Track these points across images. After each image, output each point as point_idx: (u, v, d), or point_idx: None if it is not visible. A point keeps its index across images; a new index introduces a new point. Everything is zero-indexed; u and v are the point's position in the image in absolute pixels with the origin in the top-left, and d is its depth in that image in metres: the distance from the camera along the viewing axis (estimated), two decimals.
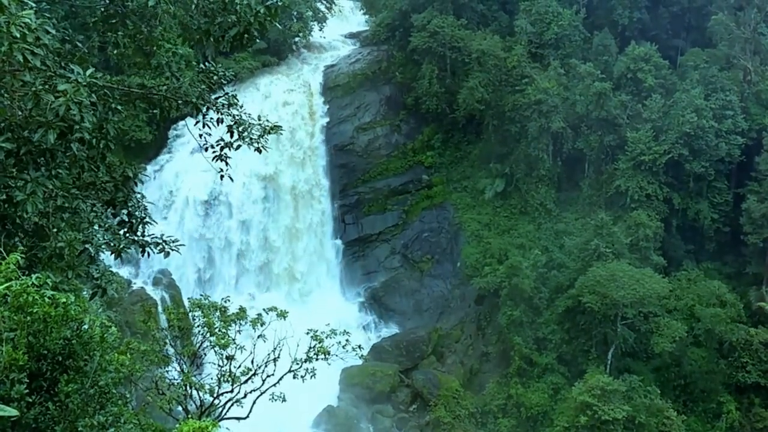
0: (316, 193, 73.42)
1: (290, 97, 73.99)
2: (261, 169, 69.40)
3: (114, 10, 14.61)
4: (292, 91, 74.49)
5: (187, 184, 67.77)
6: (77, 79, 12.86)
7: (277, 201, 71.56)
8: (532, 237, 70.30)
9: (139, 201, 17.49)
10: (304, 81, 75.93)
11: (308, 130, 73.49)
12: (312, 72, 77.64)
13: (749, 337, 62.26)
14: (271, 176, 70.64)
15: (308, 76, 76.73)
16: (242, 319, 24.40)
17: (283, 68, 77.88)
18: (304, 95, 74.46)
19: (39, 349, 11.74)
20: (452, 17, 74.35)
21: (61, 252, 14.55)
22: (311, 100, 74.71)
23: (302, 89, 74.98)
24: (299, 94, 74.35)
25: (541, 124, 69.94)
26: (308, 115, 73.99)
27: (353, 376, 63.95)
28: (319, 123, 74.13)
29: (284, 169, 71.67)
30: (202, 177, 66.05)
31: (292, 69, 77.95)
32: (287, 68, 78.03)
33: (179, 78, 16.90)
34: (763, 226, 64.26)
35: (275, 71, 76.80)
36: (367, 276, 74.43)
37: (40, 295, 11.55)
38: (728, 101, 67.50)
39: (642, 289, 58.05)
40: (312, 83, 75.96)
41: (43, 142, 13.03)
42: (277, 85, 74.81)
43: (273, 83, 74.90)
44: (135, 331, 46.58)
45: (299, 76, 76.69)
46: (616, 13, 76.13)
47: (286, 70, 77.67)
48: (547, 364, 62.63)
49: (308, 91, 75.03)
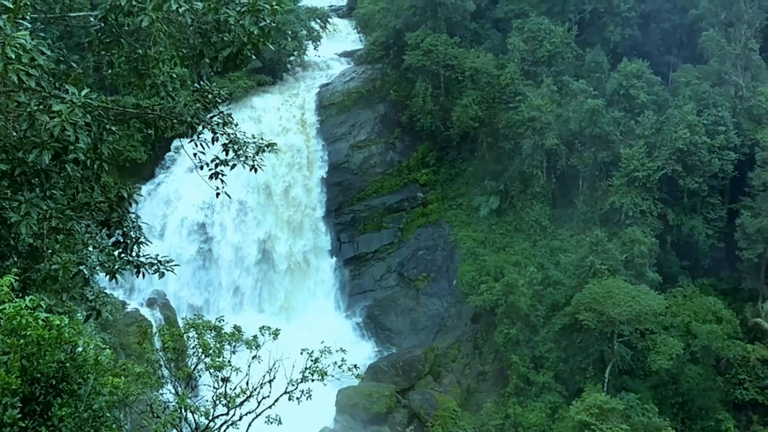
0: (312, 210, 73.42)
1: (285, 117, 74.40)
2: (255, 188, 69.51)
3: (109, 31, 14.56)
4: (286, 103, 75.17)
5: (183, 204, 67.65)
6: (72, 99, 12.79)
7: (273, 219, 71.57)
8: (527, 254, 70.27)
9: (134, 221, 17.39)
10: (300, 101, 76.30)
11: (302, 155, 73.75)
12: (307, 90, 77.83)
13: (746, 353, 62.22)
14: (265, 186, 70.90)
15: (303, 95, 76.95)
16: (238, 340, 24.20)
17: (278, 87, 78.05)
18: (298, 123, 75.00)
19: (32, 372, 11.58)
20: (446, 35, 74.66)
21: (55, 274, 14.43)
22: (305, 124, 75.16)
23: (296, 108, 75.35)
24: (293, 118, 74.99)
25: (535, 141, 70.11)
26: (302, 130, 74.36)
27: (349, 397, 63.59)
28: (312, 143, 74.38)
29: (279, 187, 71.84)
30: (198, 197, 66.01)
31: (287, 87, 78.08)
32: (282, 87, 78.18)
33: (174, 98, 16.87)
34: (757, 242, 64.30)
35: (270, 90, 77.02)
36: (362, 295, 74.25)
37: (33, 317, 11.41)
38: (720, 117, 67.73)
39: (638, 306, 57.98)
40: (306, 101, 76.20)
41: (38, 163, 12.95)
42: (270, 103, 75.12)
43: (267, 102, 75.14)
44: (130, 353, 46.25)
45: (295, 95, 76.93)
46: (607, 30, 76.59)
47: (281, 88, 77.82)
48: (544, 382, 62.37)
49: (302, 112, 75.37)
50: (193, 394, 25.42)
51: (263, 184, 70.53)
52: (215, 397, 23.59)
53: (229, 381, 23.79)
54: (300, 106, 75.57)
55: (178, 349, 25.74)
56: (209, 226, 68.64)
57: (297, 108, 75.37)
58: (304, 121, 74.91)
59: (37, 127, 12.57)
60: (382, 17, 79.03)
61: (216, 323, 24.66)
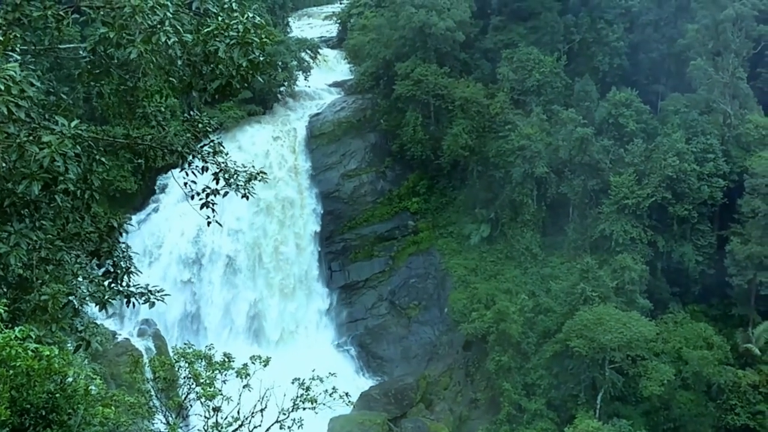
0: (305, 241, 73.46)
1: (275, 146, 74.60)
2: (246, 217, 69.56)
3: (98, 62, 14.67)
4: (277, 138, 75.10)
5: (174, 234, 67.61)
6: (62, 130, 12.87)
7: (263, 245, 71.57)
8: (518, 282, 70.35)
9: (124, 251, 17.40)
10: (290, 128, 76.46)
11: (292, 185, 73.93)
12: (297, 120, 78.09)
13: (737, 379, 62.23)
14: (258, 213, 71.04)
15: (294, 125, 77.19)
16: (228, 369, 24.13)
17: (269, 117, 78.32)
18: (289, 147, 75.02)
19: (22, 403, 11.57)
20: (435, 65, 75.18)
21: (44, 304, 14.42)
22: (295, 147, 75.20)
23: (288, 137, 75.53)
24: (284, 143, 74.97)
25: (525, 169, 70.43)
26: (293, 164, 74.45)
27: (342, 426, 63.21)
28: (303, 173, 74.61)
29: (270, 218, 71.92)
30: (188, 227, 66.01)
31: (278, 118, 78.35)
32: (272, 117, 78.46)
33: (165, 128, 16.96)
34: (747, 268, 64.54)
35: (261, 120, 77.27)
36: (354, 323, 74.13)
37: (23, 348, 11.42)
38: (709, 144, 68.22)
39: (629, 333, 58.03)
40: (298, 131, 76.44)
41: (27, 194, 12.98)
42: (262, 135, 75.29)
43: (258, 133, 75.34)
44: (120, 383, 45.98)
45: (285, 123, 77.17)
46: (596, 59, 77.22)
47: (272, 119, 78.09)
48: (536, 409, 62.18)
49: (293, 140, 75.52)
50: (184, 423, 25.32)
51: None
52: (206, 426, 23.49)
53: (220, 410, 23.71)
54: (291, 148, 75.48)
55: (168, 379, 25.65)
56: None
57: (288, 150, 75.27)
58: (297, 168, 74.84)
59: (27, 158, 12.62)
60: (372, 48, 79.53)
61: (206, 352, 24.61)
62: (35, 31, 15.53)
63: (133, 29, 13.36)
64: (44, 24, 14.39)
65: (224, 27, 13.74)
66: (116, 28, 13.40)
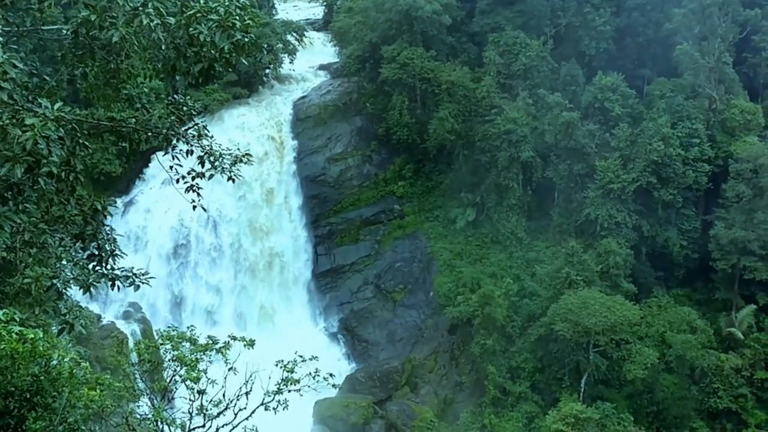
0: (289, 223, 73.39)
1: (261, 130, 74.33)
2: (231, 200, 69.42)
3: (82, 44, 14.56)
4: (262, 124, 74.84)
5: (158, 217, 67.42)
6: (45, 113, 12.80)
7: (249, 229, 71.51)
8: (503, 266, 70.55)
9: (109, 234, 17.34)
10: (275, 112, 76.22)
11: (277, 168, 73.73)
12: (282, 104, 77.81)
13: (720, 362, 62.74)
14: (243, 196, 70.87)
15: (279, 108, 76.92)
16: (212, 349, 24.15)
17: (254, 100, 78.03)
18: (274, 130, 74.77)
19: (6, 386, 11.56)
20: (422, 49, 75.00)
21: (28, 287, 14.40)
22: (281, 132, 74.94)
23: (273, 121, 75.28)
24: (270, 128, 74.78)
25: (511, 153, 70.51)
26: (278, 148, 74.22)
27: (327, 409, 63.50)
28: (288, 156, 74.45)
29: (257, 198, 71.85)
30: (173, 209, 65.82)
31: (263, 101, 78.08)
32: (258, 100, 78.18)
33: (149, 110, 16.88)
34: (731, 253, 64.94)
35: (245, 103, 76.99)
36: (339, 307, 74.15)
37: (7, 331, 11.40)
38: (694, 129, 68.46)
39: (613, 317, 58.37)
40: (283, 115, 76.18)
41: (10, 177, 12.92)
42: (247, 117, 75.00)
43: (243, 115, 75.06)
44: (105, 366, 45.95)
45: (271, 107, 76.90)
46: (583, 43, 77.19)
47: (257, 102, 77.81)
48: (520, 392, 62.58)
49: (278, 124, 75.29)
50: (169, 406, 25.34)
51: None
52: (191, 409, 23.52)
53: (205, 393, 23.74)
54: (276, 132, 75.18)
55: (153, 362, 25.65)
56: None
57: (273, 133, 74.95)
58: (282, 151, 74.59)
59: (10, 141, 12.55)
60: (358, 31, 79.25)
61: (190, 334, 24.62)
62: (18, 12, 15.41)
63: (115, 11, 13.27)
64: (27, 5, 14.29)
65: (207, 10, 13.65)
66: (98, 11, 13.31)
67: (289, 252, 73.40)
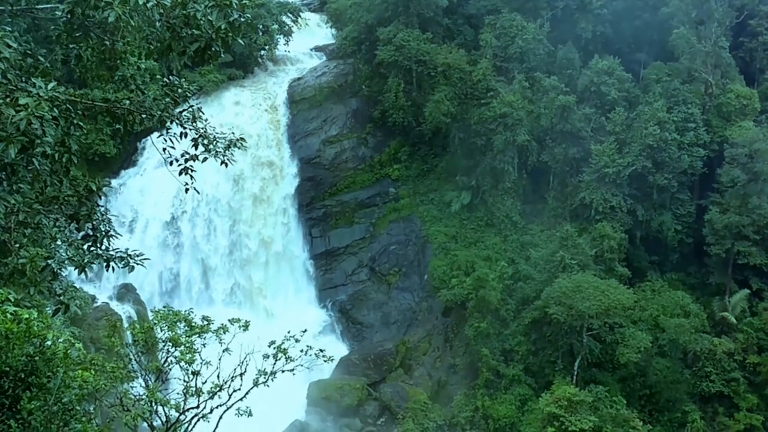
0: (285, 207, 73.29)
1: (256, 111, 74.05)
2: (226, 182, 69.34)
3: (77, 23, 14.47)
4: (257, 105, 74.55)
5: (153, 197, 67.27)
6: (39, 93, 12.74)
7: (244, 211, 71.41)
8: (498, 249, 70.63)
9: (103, 214, 17.30)
10: (270, 93, 75.92)
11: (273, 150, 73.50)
12: (278, 85, 77.51)
13: (713, 346, 63.11)
14: (238, 178, 70.78)
15: (274, 89, 76.63)
16: (207, 332, 24.20)
17: (249, 81, 77.72)
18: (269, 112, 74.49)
19: (1, 366, 11.57)
20: (418, 31, 74.70)
21: (23, 268, 14.36)
22: (276, 112, 74.72)
23: (268, 102, 75.02)
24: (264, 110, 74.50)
25: (507, 137, 70.38)
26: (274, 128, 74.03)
27: (321, 390, 63.72)
28: (283, 137, 74.27)
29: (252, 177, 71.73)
30: (168, 190, 65.67)
31: (258, 82, 77.79)
32: (253, 81, 77.86)
33: (144, 91, 16.81)
34: (725, 237, 65.20)
35: (240, 84, 76.66)
36: (334, 289, 74.21)
37: (1, 311, 11.40)
38: (690, 114, 68.50)
39: (607, 300, 58.55)
40: (278, 96, 75.91)
41: (4, 157, 12.88)
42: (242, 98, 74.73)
43: (237, 96, 74.76)
44: (99, 347, 46.01)
45: (265, 88, 76.60)
46: (579, 27, 76.98)
47: (252, 83, 77.50)
48: (514, 375, 62.84)
49: (273, 105, 75.03)
50: (163, 387, 25.41)
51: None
52: (185, 390, 23.59)
53: (199, 374, 23.81)
54: (272, 113, 74.93)
55: (148, 343, 25.70)
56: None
57: (268, 115, 74.73)
58: (277, 133, 74.36)
59: (3, 121, 12.50)
60: (354, 12, 78.90)
61: (185, 314, 24.65)
62: None
63: None
64: None
65: None
66: None
67: (284, 234, 73.32)
